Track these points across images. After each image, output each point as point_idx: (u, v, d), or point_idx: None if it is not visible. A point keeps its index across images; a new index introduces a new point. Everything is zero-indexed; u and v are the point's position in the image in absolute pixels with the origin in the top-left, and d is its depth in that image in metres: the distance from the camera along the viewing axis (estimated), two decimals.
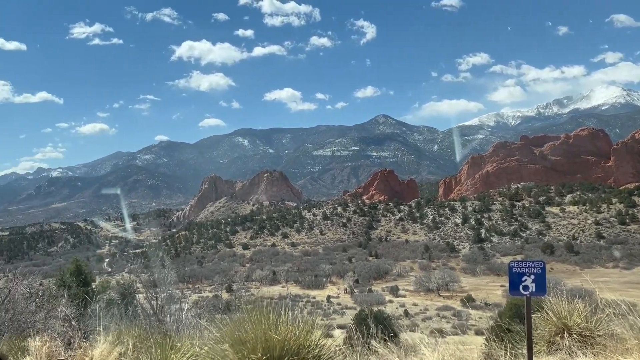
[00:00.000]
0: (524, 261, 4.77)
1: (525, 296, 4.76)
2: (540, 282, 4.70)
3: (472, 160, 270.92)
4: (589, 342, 5.76)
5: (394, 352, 5.89)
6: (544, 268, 4.68)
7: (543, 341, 6.07)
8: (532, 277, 4.71)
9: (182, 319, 12.08)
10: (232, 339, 4.61)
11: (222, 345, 4.58)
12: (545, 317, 6.12)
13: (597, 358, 5.28)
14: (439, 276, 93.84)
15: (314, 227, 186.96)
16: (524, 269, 4.76)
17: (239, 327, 4.72)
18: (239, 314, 5.04)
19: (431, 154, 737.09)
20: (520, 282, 4.73)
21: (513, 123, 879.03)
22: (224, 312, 18.36)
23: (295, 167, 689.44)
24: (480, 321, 61.51)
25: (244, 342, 4.49)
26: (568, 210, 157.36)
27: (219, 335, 4.75)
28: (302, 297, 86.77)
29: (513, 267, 4.80)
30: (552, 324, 6.07)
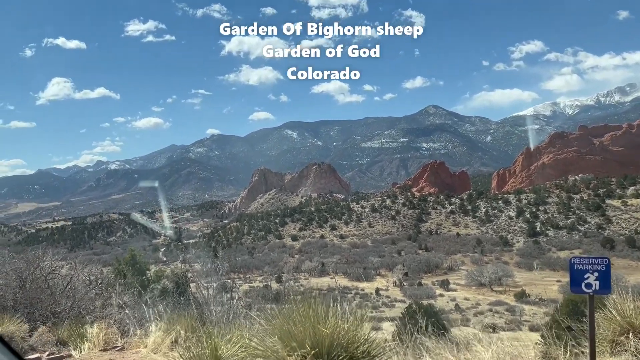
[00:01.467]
0: (587, 257, 4.50)
1: (588, 294, 4.50)
2: (605, 280, 4.42)
3: (527, 152, 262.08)
4: None
5: (445, 348, 5.73)
6: (608, 265, 4.40)
7: (606, 341, 5.76)
8: (595, 274, 4.44)
9: (232, 309, 12.29)
10: (280, 332, 4.60)
11: (271, 337, 4.57)
12: (609, 315, 5.81)
13: None
14: (492, 270, 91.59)
15: (362, 220, 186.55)
16: (587, 266, 4.49)
17: (287, 320, 4.70)
18: (288, 307, 5.02)
19: (484, 145, 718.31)
20: (583, 279, 4.46)
21: (571, 113, 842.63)
22: (274, 302, 18.64)
23: (344, 159, 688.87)
24: (534, 317, 59.78)
25: (292, 335, 4.47)
26: (630, 203, 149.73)
27: (268, 327, 4.76)
28: (350, 289, 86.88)
29: (575, 263, 4.53)
30: (616, 323, 5.74)
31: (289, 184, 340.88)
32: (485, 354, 5.05)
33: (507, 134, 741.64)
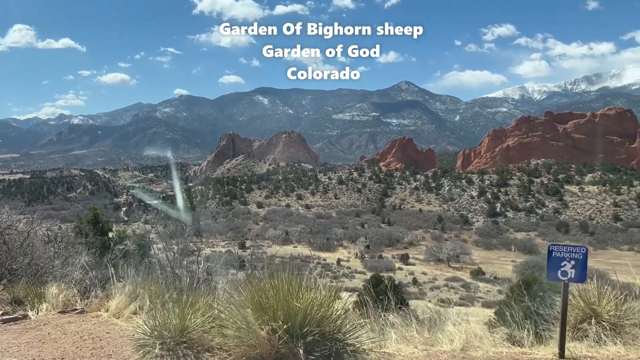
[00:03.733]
0: (565, 245, 4.52)
1: (563, 282, 4.54)
2: (581, 269, 4.47)
3: (494, 133, 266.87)
4: (618, 331, 5.54)
5: (412, 325, 5.73)
6: (585, 254, 4.43)
7: (569, 326, 5.86)
8: (572, 262, 4.47)
9: (197, 274, 12.09)
10: (252, 304, 4.47)
11: (242, 309, 4.45)
12: (573, 302, 5.91)
13: (627, 348, 5.07)
14: (450, 247, 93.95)
15: (328, 191, 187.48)
16: (564, 254, 4.51)
17: (259, 293, 4.57)
18: (260, 278, 4.88)
19: (452, 124, 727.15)
20: (559, 267, 4.49)
21: (538, 98, 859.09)
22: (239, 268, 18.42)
23: (314, 130, 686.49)
24: (488, 294, 61.85)
25: (264, 309, 4.35)
26: (587, 190, 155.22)
27: (240, 299, 4.62)
28: (312, 258, 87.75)
29: (553, 250, 4.55)
30: (579, 309, 5.85)
31: (257, 151, 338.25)
32: (454, 335, 5.07)
33: (476, 115, 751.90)
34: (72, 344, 5.27)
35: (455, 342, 4.93)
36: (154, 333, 4.75)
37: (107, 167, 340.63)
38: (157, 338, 4.69)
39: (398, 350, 4.89)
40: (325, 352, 4.30)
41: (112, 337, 5.44)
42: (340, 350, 4.44)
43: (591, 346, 5.17)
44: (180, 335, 4.66)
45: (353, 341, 4.62)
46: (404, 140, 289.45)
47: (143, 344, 4.75)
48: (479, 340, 5.23)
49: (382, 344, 5.04)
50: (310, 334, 4.27)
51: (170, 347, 4.62)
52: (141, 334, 4.85)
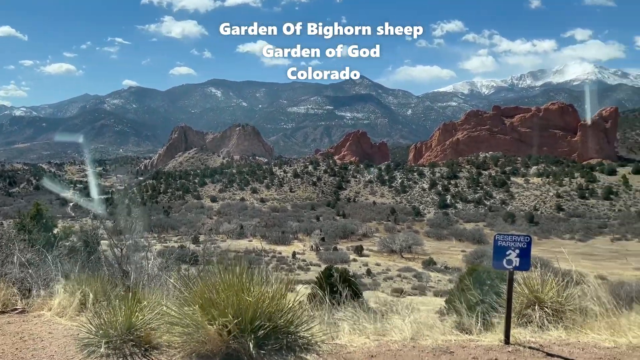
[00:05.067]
0: (510, 235, 4.66)
1: (508, 270, 4.68)
2: (525, 257, 4.62)
3: (444, 127, 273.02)
4: (559, 316, 5.77)
5: (364, 316, 5.78)
6: (529, 243, 4.59)
7: (514, 313, 6.05)
8: (516, 251, 4.61)
9: (147, 271, 11.77)
10: (201, 299, 4.39)
11: (191, 305, 4.35)
12: (518, 289, 6.10)
13: (568, 332, 5.30)
14: (403, 238, 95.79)
15: (283, 184, 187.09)
16: (509, 243, 4.65)
17: (209, 287, 4.49)
18: (209, 274, 4.79)
19: (404, 118, 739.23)
20: (505, 255, 4.63)
21: (486, 92, 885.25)
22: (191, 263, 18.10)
23: (268, 123, 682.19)
24: (439, 283, 63.48)
25: (214, 304, 4.27)
26: (532, 181, 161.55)
27: (189, 295, 4.52)
28: (268, 252, 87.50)
29: (498, 240, 4.68)
30: (524, 296, 6.05)
31: (210, 144, 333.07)
32: (404, 324, 5.14)
33: (427, 109, 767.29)
34: (11, 345, 5.01)
35: (405, 331, 5.01)
36: (100, 332, 4.59)
37: (52, 161, 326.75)
38: (103, 337, 4.54)
39: (350, 341, 4.91)
40: (277, 346, 4.27)
41: (55, 337, 5.21)
42: (292, 344, 4.42)
43: (535, 331, 5.36)
44: (127, 333, 4.52)
45: (305, 334, 4.61)
46: (358, 133, 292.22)
47: (88, 343, 4.58)
48: (429, 329, 5.32)
49: (334, 335, 5.05)
50: (262, 328, 4.23)
51: (116, 345, 4.47)
52: (86, 333, 4.68)
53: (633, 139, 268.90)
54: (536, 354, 4.51)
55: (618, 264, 75.40)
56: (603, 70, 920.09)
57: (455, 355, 4.45)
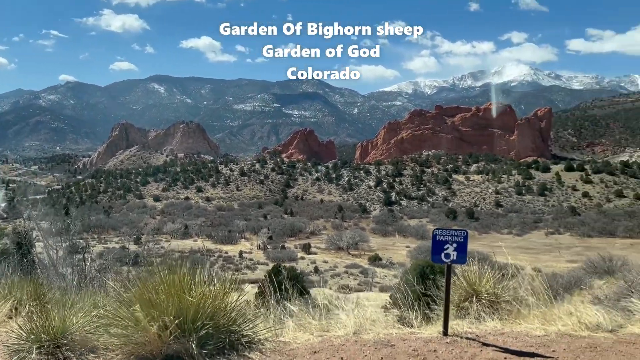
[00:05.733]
0: (448, 229, 4.82)
1: (446, 264, 4.83)
2: (462, 251, 4.78)
3: (389, 126, 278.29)
4: (495, 308, 6.01)
5: (309, 313, 5.81)
6: (466, 237, 4.76)
7: (453, 305, 6.25)
8: (454, 245, 4.77)
9: (84, 272, 11.35)
10: (141, 301, 4.27)
11: (130, 307, 4.23)
12: (457, 282, 6.31)
13: (503, 323, 5.53)
14: (350, 235, 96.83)
15: (230, 183, 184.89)
16: (447, 237, 4.81)
17: (149, 289, 4.38)
18: (150, 274, 4.68)
19: (351, 116, 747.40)
20: (443, 249, 4.78)
21: (429, 92, 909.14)
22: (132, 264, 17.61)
23: (214, 120, 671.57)
24: (384, 279, 64.61)
25: (154, 305, 4.17)
26: (472, 179, 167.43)
27: (127, 296, 4.39)
28: (214, 251, 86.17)
29: (437, 234, 4.83)
30: (463, 289, 6.27)
31: (153, 142, 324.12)
32: (348, 320, 5.21)
33: (372, 108, 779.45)
34: None
35: (349, 326, 5.08)
36: (31, 337, 4.38)
37: None
38: (35, 342, 4.33)
39: (294, 338, 4.93)
40: (219, 345, 4.23)
41: None
42: (235, 342, 4.39)
43: (472, 322, 5.56)
44: (60, 337, 4.34)
45: (249, 332, 4.59)
46: (305, 132, 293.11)
47: (18, 350, 4.36)
48: (372, 324, 5.41)
49: (279, 332, 5.05)
50: (204, 328, 4.17)
51: (49, 350, 4.28)
52: (16, 339, 4.45)
53: (565, 138, 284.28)
54: (472, 344, 4.68)
55: (552, 257, 79.41)
56: (538, 72, 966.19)
57: (395, 348, 4.55)
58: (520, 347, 4.62)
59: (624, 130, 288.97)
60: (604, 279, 18.53)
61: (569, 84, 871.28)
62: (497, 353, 4.44)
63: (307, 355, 4.44)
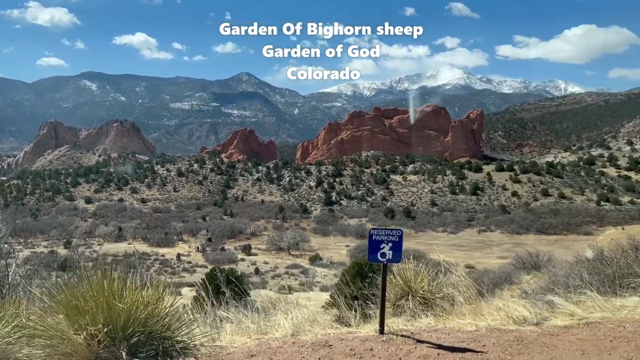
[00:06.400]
0: (384, 229, 4.90)
1: (382, 263, 4.91)
2: (397, 250, 4.88)
3: (329, 127, 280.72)
4: (430, 305, 6.18)
5: (247, 315, 5.74)
6: (401, 236, 4.86)
7: (389, 303, 6.38)
8: (390, 244, 4.86)
9: (8, 279, 10.66)
10: (67, 308, 4.06)
11: (55, 315, 4.00)
12: (393, 280, 6.44)
13: (437, 319, 5.70)
14: (291, 236, 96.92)
15: (167, 183, 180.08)
16: (383, 237, 4.89)
17: (76, 295, 4.17)
18: (77, 278, 4.45)
19: (292, 117, 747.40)
20: (379, 249, 4.86)
21: (368, 94, 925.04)
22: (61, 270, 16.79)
23: (150, 119, 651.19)
24: (325, 278, 65.12)
25: (82, 312, 3.97)
26: (409, 179, 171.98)
27: (52, 304, 4.16)
28: (150, 255, 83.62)
29: (373, 234, 4.90)
30: (399, 287, 6.41)
31: (84, 141, 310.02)
32: (287, 321, 5.19)
33: (313, 109, 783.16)
34: None
35: (287, 328, 5.06)
36: None
37: None
38: None
39: (231, 342, 4.85)
40: (152, 352, 4.09)
41: None
42: (169, 348, 4.26)
43: (408, 320, 5.70)
44: None
45: (183, 337, 4.47)
46: (245, 131, 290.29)
47: None
48: (311, 324, 5.42)
49: (215, 337, 4.96)
50: (135, 335, 4.02)
51: None
52: None
53: (496, 140, 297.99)
54: (408, 341, 4.79)
55: (483, 254, 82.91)
56: (471, 76, 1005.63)
57: (333, 348, 4.58)
58: (453, 342, 4.78)
59: (549, 133, 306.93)
60: (531, 274, 19.53)
61: (499, 88, 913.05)
62: (431, 349, 4.57)
63: (244, 359, 4.38)
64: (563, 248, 62.64)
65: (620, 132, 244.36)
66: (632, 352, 4.49)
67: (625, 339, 4.82)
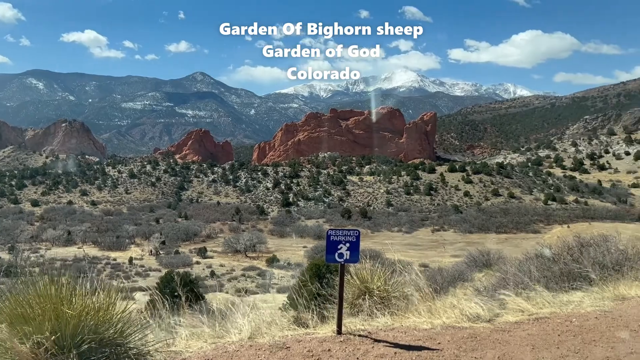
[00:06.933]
0: (341, 229, 4.92)
1: (340, 263, 4.92)
2: (354, 250, 4.90)
3: (286, 128, 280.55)
4: (386, 304, 6.25)
5: (203, 319, 5.64)
6: (358, 237, 4.89)
7: (347, 303, 6.42)
8: (347, 245, 4.88)
9: None
10: (11, 317, 3.86)
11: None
12: (351, 280, 6.48)
13: (394, 318, 5.77)
14: (247, 238, 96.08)
15: (118, 185, 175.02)
16: (340, 237, 4.90)
17: (21, 302, 3.97)
18: (23, 287, 4.25)
19: (248, 117, 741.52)
20: (337, 250, 4.87)
21: (325, 96, 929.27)
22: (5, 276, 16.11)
23: (100, 119, 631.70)
24: (282, 280, 64.98)
25: (27, 320, 3.79)
26: (365, 179, 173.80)
27: None
28: (100, 259, 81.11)
29: (330, 235, 4.91)
30: (356, 286, 6.45)
31: (31, 142, 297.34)
32: (244, 324, 5.13)
33: (270, 110, 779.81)
34: None
35: (244, 331, 5.00)
36: None
37: None
38: None
39: (187, 347, 4.75)
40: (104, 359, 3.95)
41: None
42: (122, 355, 4.13)
43: (365, 320, 5.74)
44: None
45: (137, 343, 4.34)
46: (200, 132, 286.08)
47: None
48: (268, 327, 5.38)
49: (170, 342, 4.84)
50: (86, 342, 3.87)
51: None
52: None
53: (449, 141, 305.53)
54: (365, 340, 4.82)
55: (437, 252, 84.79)
56: (424, 78, 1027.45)
57: (291, 350, 4.55)
58: (409, 341, 4.84)
59: (499, 134, 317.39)
60: (483, 272, 20.07)
61: (452, 91, 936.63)
62: (388, 348, 4.62)
63: None
64: (513, 246, 64.85)
65: (566, 134, 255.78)
66: (579, 346, 4.68)
67: (572, 333, 5.02)
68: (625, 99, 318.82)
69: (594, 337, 4.91)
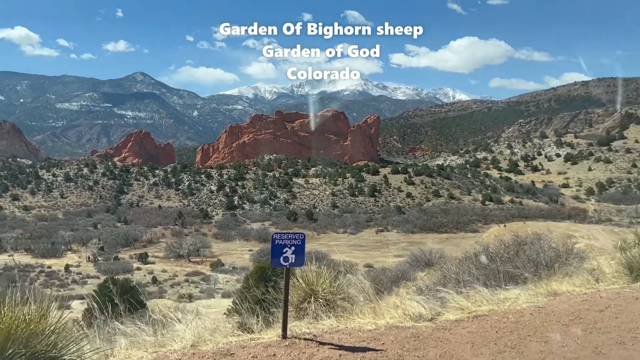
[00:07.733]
0: (286, 233, 4.91)
1: (285, 267, 4.91)
2: (300, 254, 4.91)
3: (230, 130, 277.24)
4: (332, 306, 6.29)
5: (143, 328, 5.47)
6: (303, 240, 4.89)
7: (292, 307, 6.41)
8: (292, 248, 4.87)
9: None
10: None
11: None
12: (296, 283, 6.47)
13: (339, 320, 5.81)
14: (191, 242, 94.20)
15: (53, 189, 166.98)
16: (285, 241, 4.90)
17: None
18: None
19: (190, 119, 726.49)
20: (282, 253, 4.85)
21: (270, 98, 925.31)
22: None
23: (33, 120, 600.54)
24: (227, 284, 64.13)
25: None
26: (311, 182, 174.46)
27: None
28: (34, 267, 77.13)
29: (276, 239, 4.89)
30: (302, 290, 6.45)
31: None
32: (187, 331, 5.01)
33: (213, 111, 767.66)
34: None
35: (186, 339, 4.89)
36: None
37: None
38: None
39: (127, 357, 4.60)
40: None
41: None
42: None
43: (310, 323, 5.75)
44: None
45: (72, 356, 4.15)
46: (140, 133, 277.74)
47: None
48: (212, 333, 5.28)
49: (109, 353, 4.66)
50: (16, 357, 3.66)
51: None
52: None
53: (391, 144, 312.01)
54: (310, 344, 4.83)
55: (381, 253, 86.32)
56: (368, 82, 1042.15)
57: (235, 356, 4.49)
58: (354, 342, 4.89)
59: (439, 137, 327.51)
60: (425, 271, 20.59)
61: (394, 95, 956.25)
62: (333, 351, 4.64)
63: None
64: (453, 245, 67.04)
65: (502, 137, 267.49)
66: (515, 341, 4.89)
67: (509, 329, 5.24)
68: (556, 103, 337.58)
69: (529, 333, 5.15)
